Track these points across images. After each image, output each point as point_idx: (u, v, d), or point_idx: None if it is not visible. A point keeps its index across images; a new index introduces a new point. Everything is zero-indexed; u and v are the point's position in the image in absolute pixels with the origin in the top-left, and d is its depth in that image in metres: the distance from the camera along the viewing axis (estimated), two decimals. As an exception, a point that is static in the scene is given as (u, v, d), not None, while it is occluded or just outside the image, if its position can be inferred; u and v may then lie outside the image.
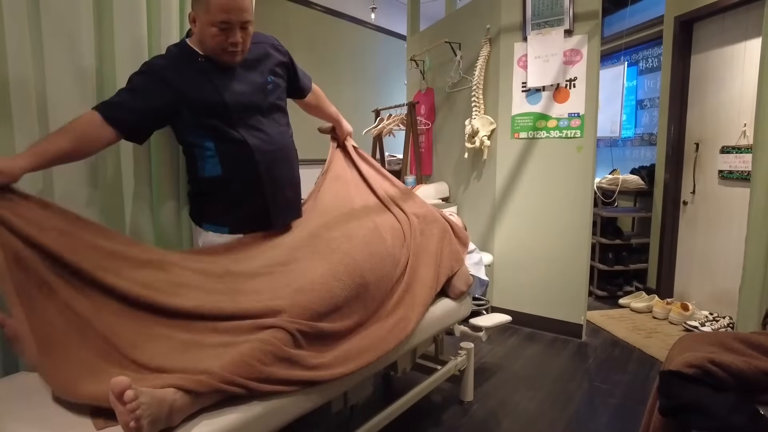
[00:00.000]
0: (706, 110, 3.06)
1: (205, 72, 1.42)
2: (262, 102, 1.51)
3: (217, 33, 1.35)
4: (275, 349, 1.06)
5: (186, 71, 1.40)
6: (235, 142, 1.45)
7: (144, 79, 1.36)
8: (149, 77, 1.36)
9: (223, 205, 1.51)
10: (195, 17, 1.38)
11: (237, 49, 1.39)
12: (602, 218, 3.52)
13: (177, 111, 1.40)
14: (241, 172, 1.48)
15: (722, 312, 2.88)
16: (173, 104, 1.38)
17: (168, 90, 1.37)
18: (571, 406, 2.01)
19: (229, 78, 1.45)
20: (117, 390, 0.83)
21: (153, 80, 1.36)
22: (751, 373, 1.01)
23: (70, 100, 1.36)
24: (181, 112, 1.41)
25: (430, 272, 1.63)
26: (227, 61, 1.42)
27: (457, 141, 3.11)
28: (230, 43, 1.37)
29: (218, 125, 1.43)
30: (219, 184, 1.49)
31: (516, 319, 2.68)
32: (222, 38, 1.36)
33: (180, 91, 1.38)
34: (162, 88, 1.36)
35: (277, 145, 1.54)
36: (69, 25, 1.34)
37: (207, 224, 1.54)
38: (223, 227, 1.52)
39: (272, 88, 1.55)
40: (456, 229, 1.86)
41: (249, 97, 1.47)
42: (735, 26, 2.82)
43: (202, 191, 1.53)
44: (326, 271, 1.33)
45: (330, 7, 4.39)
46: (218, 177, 1.48)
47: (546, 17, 2.65)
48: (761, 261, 1.99)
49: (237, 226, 1.53)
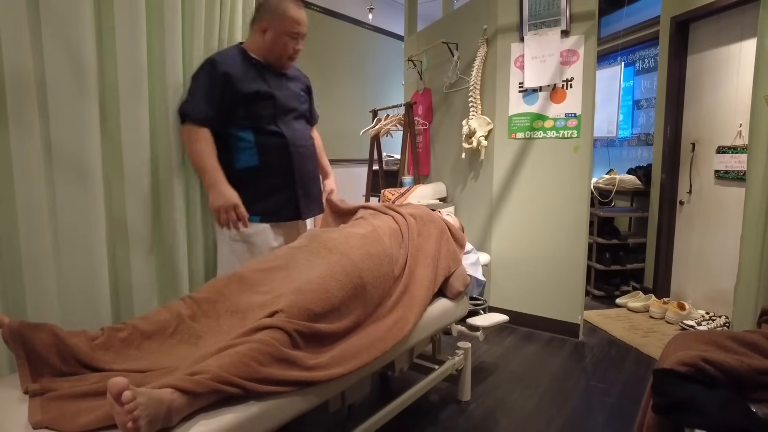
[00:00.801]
0: (702, 110, 3.07)
1: (260, 71, 1.69)
2: (299, 107, 1.80)
3: (288, 41, 1.68)
4: (273, 349, 1.07)
5: (244, 68, 1.65)
6: (274, 134, 1.69)
7: (211, 79, 1.60)
8: (215, 77, 1.60)
9: (255, 195, 1.68)
10: (266, 27, 1.67)
11: (296, 56, 1.74)
12: (599, 218, 3.53)
13: (235, 101, 1.63)
14: (277, 161, 1.70)
15: (718, 311, 2.90)
16: (234, 96, 1.62)
17: (228, 85, 1.61)
18: (568, 405, 2.02)
19: (278, 80, 1.75)
20: (115, 391, 0.84)
21: (218, 79, 1.60)
22: (743, 371, 1.02)
23: (70, 94, 1.36)
24: (236, 102, 1.63)
25: (427, 272, 1.63)
26: (284, 66, 1.76)
27: (455, 141, 3.12)
28: (295, 50, 1.71)
29: (262, 116, 1.67)
30: (254, 173, 1.68)
31: (513, 318, 2.69)
32: (291, 45, 1.69)
33: (238, 83, 1.61)
34: (225, 84, 1.60)
35: (306, 143, 1.81)
36: (68, 19, 1.34)
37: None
38: (255, 216, 1.68)
39: (303, 99, 1.86)
40: (453, 229, 1.87)
41: (290, 99, 1.76)
42: (731, 27, 2.84)
43: (235, 182, 1.65)
44: (324, 272, 1.34)
45: (328, 8, 4.40)
46: (254, 167, 1.68)
47: (543, 18, 2.66)
48: (756, 261, 2.00)
49: (268, 215, 1.72)
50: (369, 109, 3.78)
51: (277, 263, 1.43)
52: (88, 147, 1.39)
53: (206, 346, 1.16)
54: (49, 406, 0.95)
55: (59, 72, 1.33)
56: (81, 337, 1.10)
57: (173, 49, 1.60)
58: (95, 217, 1.42)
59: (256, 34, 1.70)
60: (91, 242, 1.41)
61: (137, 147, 1.52)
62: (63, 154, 1.35)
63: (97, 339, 1.12)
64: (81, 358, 1.07)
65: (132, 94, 1.49)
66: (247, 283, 1.35)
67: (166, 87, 1.61)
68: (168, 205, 1.64)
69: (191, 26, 1.67)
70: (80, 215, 1.39)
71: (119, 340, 1.14)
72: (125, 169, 1.51)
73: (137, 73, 1.50)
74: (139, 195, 1.55)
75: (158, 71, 1.59)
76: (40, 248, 1.31)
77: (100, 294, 1.44)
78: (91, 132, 1.40)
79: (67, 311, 1.39)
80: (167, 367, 1.10)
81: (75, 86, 1.36)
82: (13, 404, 1.00)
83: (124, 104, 1.49)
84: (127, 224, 1.53)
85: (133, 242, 1.54)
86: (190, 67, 1.68)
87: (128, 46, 1.48)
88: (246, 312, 1.26)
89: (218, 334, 1.21)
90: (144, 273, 1.57)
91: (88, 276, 1.41)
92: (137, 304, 1.56)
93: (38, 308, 1.32)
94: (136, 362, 1.11)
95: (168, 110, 1.62)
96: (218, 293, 1.32)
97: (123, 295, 1.56)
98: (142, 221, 1.56)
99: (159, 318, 1.22)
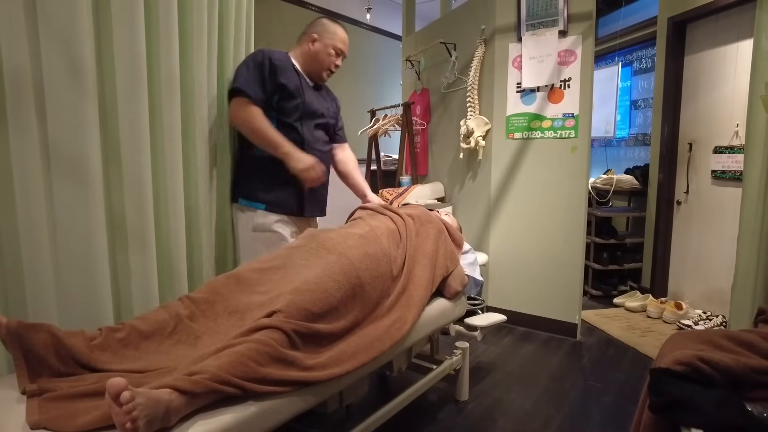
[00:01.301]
0: (699, 110, 3.08)
1: (300, 78, 1.85)
2: (324, 116, 1.94)
3: (332, 54, 1.88)
4: (271, 350, 1.07)
5: (287, 66, 1.82)
6: (295, 130, 1.81)
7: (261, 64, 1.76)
8: (264, 63, 1.76)
9: (265, 184, 1.81)
10: (317, 39, 1.86)
11: (334, 71, 1.94)
12: (597, 218, 3.54)
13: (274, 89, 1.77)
14: None
15: (715, 311, 2.91)
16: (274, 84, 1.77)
17: (273, 74, 1.76)
18: (566, 405, 2.02)
19: (313, 90, 1.92)
20: (113, 391, 0.84)
21: (266, 66, 1.76)
22: (739, 370, 1.03)
23: (68, 93, 1.35)
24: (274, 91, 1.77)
25: (426, 273, 1.64)
26: (321, 78, 1.93)
27: (453, 141, 3.12)
28: (335, 65, 1.92)
29: (289, 113, 1.79)
30: (269, 163, 1.77)
31: (511, 318, 2.69)
32: (332, 60, 1.89)
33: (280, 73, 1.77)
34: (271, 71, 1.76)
35: (322, 149, 1.93)
36: (65, 17, 1.33)
37: (244, 200, 1.83)
38: (260, 204, 1.81)
39: (331, 114, 2.00)
40: (451, 229, 1.88)
41: (318, 107, 1.90)
42: (727, 27, 2.85)
43: (250, 168, 1.82)
44: (322, 272, 1.34)
45: (325, 8, 4.39)
46: (270, 157, 1.76)
47: (540, 18, 2.66)
48: (753, 260, 2.01)
49: (274, 206, 1.82)
50: (367, 109, 3.78)
51: (275, 263, 1.44)
52: (86, 146, 1.38)
53: (204, 346, 1.16)
54: (47, 407, 0.95)
55: (57, 71, 1.32)
56: (79, 337, 1.10)
57: (171, 48, 1.60)
58: (94, 216, 1.41)
59: (304, 43, 1.89)
60: (90, 241, 1.41)
61: (136, 145, 1.52)
62: (61, 154, 1.35)
63: (95, 339, 1.12)
64: (79, 358, 1.07)
65: (130, 92, 1.49)
66: (245, 283, 1.35)
67: (165, 85, 1.60)
68: (167, 204, 1.64)
69: (190, 24, 1.67)
70: (79, 214, 1.38)
71: (117, 340, 1.14)
72: (124, 168, 1.51)
73: (136, 72, 1.49)
74: (139, 194, 1.54)
75: (156, 70, 1.59)
76: (39, 247, 1.31)
77: (99, 294, 1.43)
78: (89, 131, 1.39)
79: (67, 311, 1.38)
80: (165, 367, 1.10)
81: (73, 85, 1.35)
82: (11, 405, 1.00)
83: (122, 103, 1.48)
84: (126, 223, 1.52)
85: (133, 241, 1.54)
86: (188, 66, 1.68)
87: (126, 44, 1.47)
88: (244, 312, 1.26)
89: (216, 334, 1.21)
90: (143, 272, 1.57)
91: (87, 275, 1.41)
92: (136, 304, 1.56)
93: (37, 308, 1.32)
94: (135, 362, 1.11)
95: (166, 109, 1.62)
96: (216, 293, 1.32)
97: (122, 295, 1.56)
98: (142, 220, 1.56)
99: (157, 318, 1.22)
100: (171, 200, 1.64)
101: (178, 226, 1.67)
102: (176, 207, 1.66)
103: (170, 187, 1.64)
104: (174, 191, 1.65)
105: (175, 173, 1.65)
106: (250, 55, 1.82)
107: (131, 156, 1.52)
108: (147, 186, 1.56)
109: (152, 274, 1.58)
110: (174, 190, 1.65)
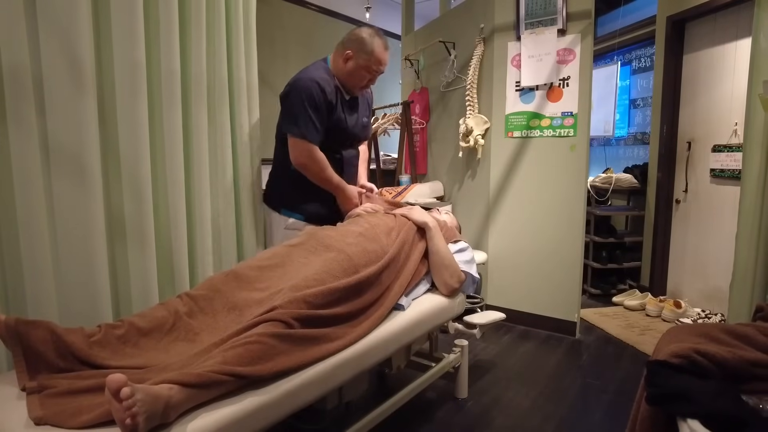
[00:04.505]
0: (698, 109, 3.08)
1: (341, 101, 1.89)
2: (360, 134, 2.04)
3: (366, 75, 1.86)
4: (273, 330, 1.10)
5: (334, 95, 1.84)
6: (336, 152, 1.93)
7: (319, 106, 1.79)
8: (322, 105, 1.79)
9: (305, 197, 1.92)
10: (351, 57, 1.83)
11: (368, 87, 1.98)
12: (596, 217, 3.54)
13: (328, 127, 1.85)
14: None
15: (714, 309, 2.91)
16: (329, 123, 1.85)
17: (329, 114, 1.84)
18: (565, 403, 2.03)
19: (350, 108, 1.95)
20: (113, 387, 0.84)
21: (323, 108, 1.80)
22: (735, 362, 1.03)
23: (68, 91, 1.35)
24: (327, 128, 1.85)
25: (421, 268, 1.68)
26: (356, 93, 1.95)
27: (452, 140, 3.13)
28: (369, 83, 1.92)
29: (332, 138, 1.87)
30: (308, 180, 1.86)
31: (510, 316, 2.70)
32: (366, 79, 1.88)
33: (333, 112, 1.85)
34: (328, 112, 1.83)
35: (354, 162, 2.07)
36: (65, 15, 1.33)
37: (285, 210, 1.96)
38: (299, 215, 1.94)
39: (366, 124, 2.08)
40: (444, 227, 1.88)
41: (358, 130, 2.01)
42: (726, 26, 2.85)
43: (288, 181, 1.91)
44: (321, 268, 1.34)
45: (325, 7, 4.39)
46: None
47: (539, 17, 2.67)
48: (751, 258, 2.02)
49: (311, 216, 1.93)
50: (366, 108, 3.78)
51: (274, 261, 1.44)
52: (86, 143, 1.39)
53: (203, 342, 1.17)
54: (48, 403, 0.96)
55: (56, 69, 1.33)
56: (78, 334, 1.10)
57: (171, 45, 1.60)
58: (94, 213, 1.42)
59: (339, 58, 1.86)
60: (89, 239, 1.41)
61: (136, 143, 1.52)
62: (61, 151, 1.35)
63: (94, 336, 1.12)
64: (78, 355, 1.07)
65: (130, 90, 1.49)
66: (244, 280, 1.36)
67: (165, 83, 1.61)
68: (167, 202, 1.65)
69: (189, 22, 1.67)
70: (79, 212, 1.39)
71: (116, 337, 1.14)
72: (123, 165, 1.51)
73: (135, 69, 1.50)
74: (138, 191, 1.55)
75: (156, 67, 1.59)
76: (39, 245, 1.31)
77: (98, 291, 1.43)
78: (89, 128, 1.40)
79: (66, 308, 1.39)
80: (164, 363, 1.11)
81: (72, 83, 1.36)
82: (11, 401, 1.00)
83: (121, 100, 1.49)
84: (125, 221, 1.53)
85: (132, 239, 1.54)
86: (188, 64, 1.68)
87: (126, 41, 1.47)
88: (243, 309, 1.26)
89: (215, 330, 1.21)
90: (143, 269, 1.57)
91: (86, 273, 1.41)
92: (136, 301, 1.56)
93: (37, 305, 1.32)
94: (134, 359, 1.12)
95: (166, 106, 1.62)
96: (215, 290, 1.32)
97: (122, 292, 1.57)
98: (141, 218, 1.56)
99: (156, 315, 1.22)
100: (171, 197, 1.65)
101: (178, 222, 1.67)
102: (176, 203, 1.66)
103: (170, 183, 1.64)
104: (173, 188, 1.65)
105: (175, 170, 1.65)
106: (305, 89, 1.77)
107: (130, 153, 1.52)
108: (146, 182, 1.56)
109: (151, 270, 1.59)
110: (173, 187, 1.65)
